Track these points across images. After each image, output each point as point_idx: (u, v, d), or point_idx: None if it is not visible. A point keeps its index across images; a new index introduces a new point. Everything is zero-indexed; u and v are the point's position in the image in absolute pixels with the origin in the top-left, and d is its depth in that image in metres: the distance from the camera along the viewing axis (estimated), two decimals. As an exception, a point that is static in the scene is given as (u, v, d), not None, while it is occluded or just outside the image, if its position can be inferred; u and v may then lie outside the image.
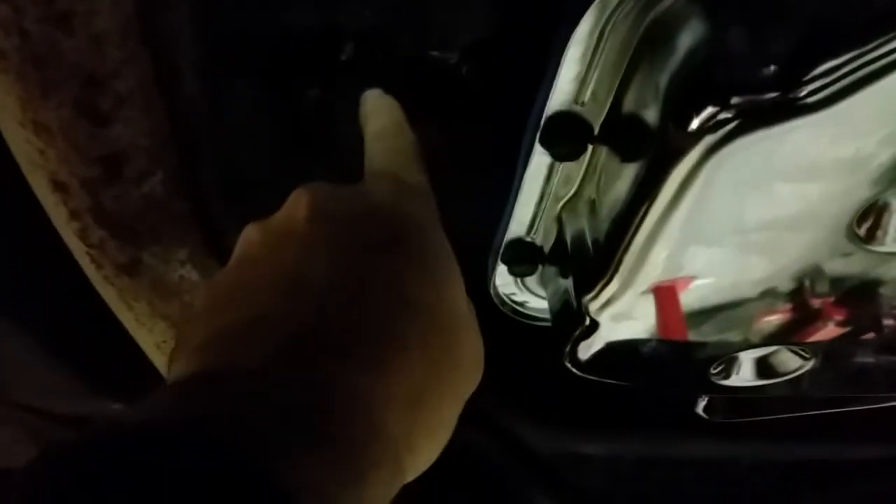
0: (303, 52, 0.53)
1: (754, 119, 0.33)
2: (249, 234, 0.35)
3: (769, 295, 0.51)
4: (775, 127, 0.33)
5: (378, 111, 0.46)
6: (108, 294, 0.42)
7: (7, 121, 0.33)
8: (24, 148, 0.33)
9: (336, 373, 0.28)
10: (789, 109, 0.32)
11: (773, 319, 0.53)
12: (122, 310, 0.43)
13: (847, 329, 0.54)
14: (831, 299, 0.51)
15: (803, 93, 0.32)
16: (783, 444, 0.87)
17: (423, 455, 0.32)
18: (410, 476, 0.32)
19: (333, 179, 0.63)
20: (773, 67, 0.32)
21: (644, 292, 0.49)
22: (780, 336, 0.55)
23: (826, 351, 0.60)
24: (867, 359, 0.61)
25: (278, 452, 0.25)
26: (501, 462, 0.85)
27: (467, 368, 0.36)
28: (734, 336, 0.55)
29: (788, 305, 0.52)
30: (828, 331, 0.54)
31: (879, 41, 0.30)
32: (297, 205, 0.36)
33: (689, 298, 0.50)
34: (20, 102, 0.31)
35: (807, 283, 0.50)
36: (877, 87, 0.32)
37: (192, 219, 0.39)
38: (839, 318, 0.53)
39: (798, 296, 0.51)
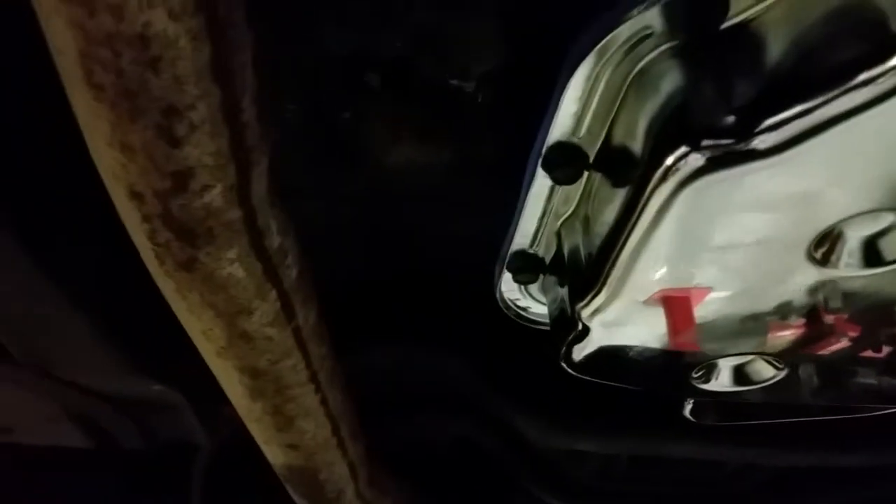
0: (339, 80, 0.60)
1: (718, 161, 0.40)
2: None
3: (783, 309, 0.55)
4: (735, 168, 0.39)
5: None
6: (166, 286, 0.49)
7: (97, 140, 0.39)
8: (109, 162, 0.40)
9: None
10: (743, 155, 0.38)
11: (787, 334, 0.58)
12: (176, 300, 0.50)
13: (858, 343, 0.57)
14: (845, 316, 0.55)
15: (755, 141, 0.38)
16: (770, 450, 0.92)
17: None
18: None
19: (361, 190, 0.70)
20: (732, 118, 0.38)
21: (639, 302, 0.55)
22: (792, 350, 0.59)
23: (828, 366, 0.65)
24: (869, 379, 0.66)
25: None
26: (501, 455, 0.91)
27: None
28: (747, 349, 0.59)
29: (802, 320, 0.56)
30: (841, 345, 0.58)
31: (817, 101, 0.36)
32: None
33: (705, 311, 0.54)
34: (110, 126, 0.38)
35: (821, 298, 0.53)
36: (823, 137, 0.38)
37: (241, 224, 0.46)
38: (853, 334, 0.56)
39: (812, 311, 0.54)
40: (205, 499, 1.01)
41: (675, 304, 0.54)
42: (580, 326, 0.55)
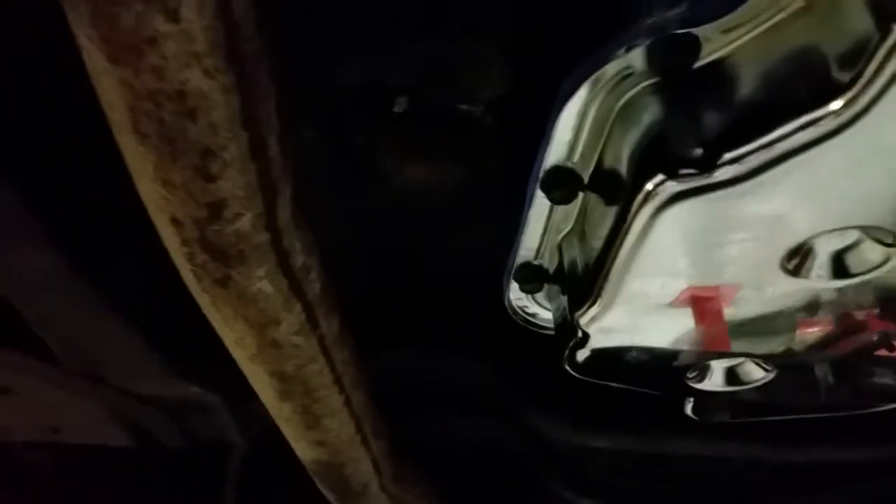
0: (357, 108, 0.65)
1: (690, 188, 0.44)
2: None
3: (812, 306, 0.57)
4: (705, 195, 0.44)
5: None
6: (203, 300, 0.54)
7: (143, 177, 0.45)
8: (152, 195, 0.45)
9: None
10: (710, 185, 0.43)
11: (815, 330, 0.60)
12: (212, 313, 0.55)
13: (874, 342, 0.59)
14: (875, 311, 0.57)
15: (717, 173, 0.42)
16: (774, 446, 0.96)
17: None
18: None
19: (376, 210, 0.75)
20: (699, 151, 0.43)
21: (659, 305, 0.57)
22: (822, 346, 0.61)
23: (842, 366, 0.68)
24: (886, 379, 0.69)
25: None
26: (517, 451, 0.95)
27: None
28: (777, 346, 0.61)
29: (830, 316, 0.58)
30: (863, 343, 0.60)
31: (770, 138, 0.40)
32: None
33: (734, 310, 0.57)
34: (154, 166, 0.43)
35: (850, 293, 0.55)
36: (781, 168, 0.42)
37: (269, 246, 0.51)
38: (883, 329, 0.58)
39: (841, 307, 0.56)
40: (239, 492, 1.07)
41: (703, 304, 0.56)
42: (580, 334, 0.59)
